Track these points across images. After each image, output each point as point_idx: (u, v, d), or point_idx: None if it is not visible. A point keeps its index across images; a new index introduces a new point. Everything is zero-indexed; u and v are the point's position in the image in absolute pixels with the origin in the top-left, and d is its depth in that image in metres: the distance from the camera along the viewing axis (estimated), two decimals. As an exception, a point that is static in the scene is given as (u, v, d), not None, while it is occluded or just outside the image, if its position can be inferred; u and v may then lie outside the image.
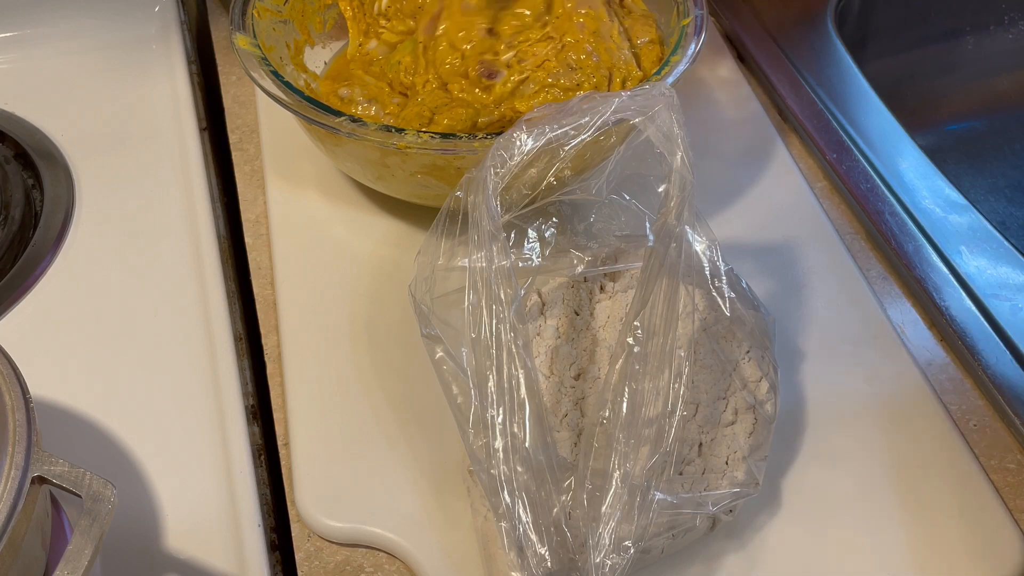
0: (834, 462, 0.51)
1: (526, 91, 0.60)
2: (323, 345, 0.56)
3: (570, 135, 0.45)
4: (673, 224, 0.43)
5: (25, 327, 0.58)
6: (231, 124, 0.72)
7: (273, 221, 0.63)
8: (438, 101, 0.59)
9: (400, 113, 0.60)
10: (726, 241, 0.50)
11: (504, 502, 0.40)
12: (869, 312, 0.58)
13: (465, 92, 0.60)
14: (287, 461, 0.52)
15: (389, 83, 0.64)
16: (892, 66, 0.88)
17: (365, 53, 0.67)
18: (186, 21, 0.80)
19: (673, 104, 0.45)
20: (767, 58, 0.75)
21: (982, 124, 0.90)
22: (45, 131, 0.70)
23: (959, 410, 0.54)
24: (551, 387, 0.47)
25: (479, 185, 0.43)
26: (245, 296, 0.62)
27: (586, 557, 0.39)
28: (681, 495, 0.44)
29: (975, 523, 0.48)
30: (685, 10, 0.61)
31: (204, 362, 0.56)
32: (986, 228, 0.61)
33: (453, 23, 0.62)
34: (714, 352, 0.48)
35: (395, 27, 0.67)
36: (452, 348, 0.46)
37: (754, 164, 0.67)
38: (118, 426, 0.53)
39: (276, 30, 0.63)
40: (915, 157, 0.66)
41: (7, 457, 0.38)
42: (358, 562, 0.48)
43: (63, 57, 0.76)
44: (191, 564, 0.48)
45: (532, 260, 0.51)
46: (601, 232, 0.52)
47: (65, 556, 0.37)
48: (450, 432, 0.49)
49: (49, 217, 0.64)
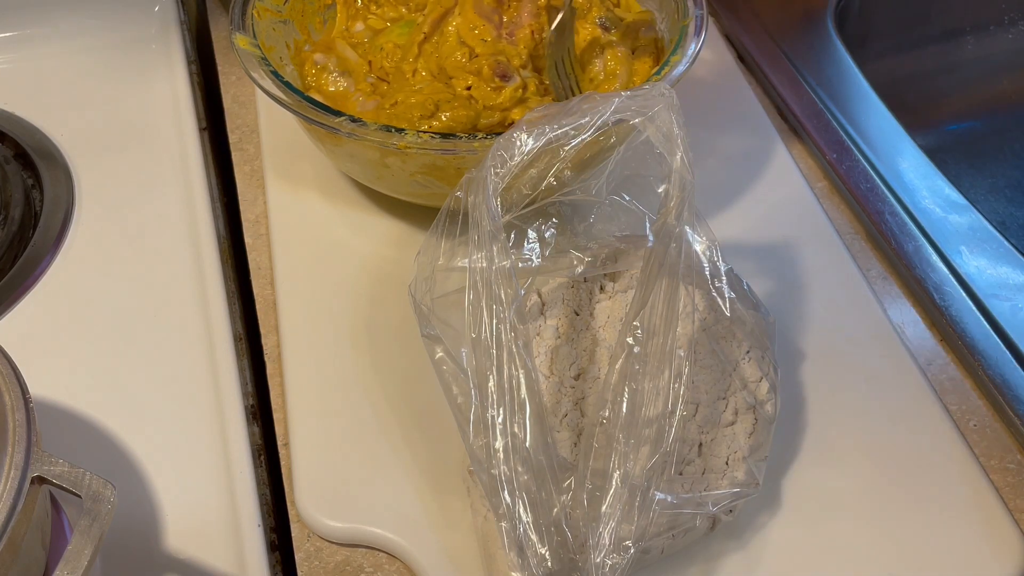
0: (834, 462, 0.51)
1: (533, 102, 0.60)
2: (323, 345, 0.56)
3: (570, 135, 0.45)
4: (673, 224, 0.43)
5: (25, 327, 0.58)
6: (231, 124, 0.72)
7: (273, 221, 0.63)
8: (440, 95, 0.59)
9: (395, 96, 0.60)
10: (726, 241, 0.50)
11: (504, 502, 0.40)
12: (869, 312, 0.58)
13: (475, 89, 0.60)
14: (287, 461, 0.52)
15: (369, 62, 0.64)
16: (892, 66, 0.88)
17: (351, 35, 0.67)
18: (186, 21, 0.80)
19: (673, 104, 0.45)
20: (767, 58, 0.75)
21: (982, 124, 0.90)
22: (45, 131, 0.70)
23: (959, 410, 0.54)
24: (551, 387, 0.47)
25: (479, 185, 0.43)
26: (245, 296, 0.62)
27: (586, 557, 0.39)
28: (681, 495, 0.44)
29: (975, 523, 0.48)
30: (685, 10, 0.61)
31: (204, 362, 0.56)
32: (986, 228, 0.61)
33: (465, 20, 0.63)
34: (714, 352, 0.48)
35: (384, 13, 0.68)
36: (452, 348, 0.46)
37: (754, 164, 0.67)
38: (118, 426, 0.53)
39: (276, 30, 0.63)
40: (915, 157, 0.66)
41: (7, 457, 0.38)
42: (358, 562, 0.48)
43: (63, 57, 0.76)
44: (191, 564, 0.48)
45: (532, 260, 0.51)
46: (601, 233, 0.52)
47: (65, 556, 0.37)
48: (450, 432, 0.49)
49: (49, 217, 0.64)
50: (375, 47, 0.65)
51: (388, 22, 0.67)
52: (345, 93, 0.63)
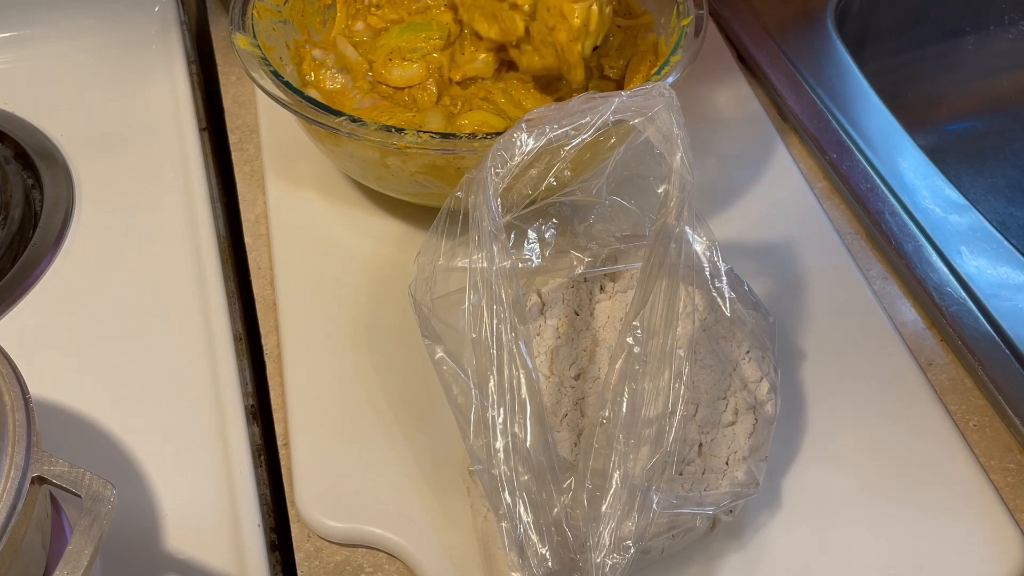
0: (834, 462, 0.51)
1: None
2: (323, 345, 0.56)
3: (570, 135, 0.45)
4: (673, 224, 0.43)
5: (25, 327, 0.58)
6: (231, 124, 0.72)
7: (273, 221, 0.63)
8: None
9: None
10: (726, 241, 0.50)
11: (505, 502, 0.40)
12: (869, 312, 0.58)
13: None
14: (287, 461, 0.52)
15: (370, 62, 0.65)
16: (892, 66, 0.88)
17: (351, 35, 0.67)
18: (186, 21, 0.80)
19: (673, 104, 0.45)
20: (767, 58, 0.75)
21: (982, 124, 0.89)
22: (45, 131, 0.70)
23: (959, 410, 0.54)
24: (551, 387, 0.47)
25: (479, 185, 0.43)
26: (245, 296, 0.62)
27: (587, 557, 0.39)
28: (681, 495, 0.44)
29: (975, 523, 0.48)
30: (685, 10, 0.61)
31: (204, 362, 0.56)
32: (986, 228, 0.61)
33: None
34: (714, 352, 0.48)
35: (385, 15, 0.68)
36: (452, 348, 0.46)
37: (754, 164, 0.67)
38: (118, 426, 0.53)
39: (276, 30, 0.63)
40: (915, 157, 0.66)
41: (7, 457, 0.38)
42: (358, 562, 0.48)
43: (63, 57, 0.76)
44: (191, 564, 0.48)
45: (532, 261, 0.51)
46: (601, 233, 0.52)
47: (65, 556, 0.37)
48: (450, 432, 0.49)
49: (49, 217, 0.64)
50: (376, 47, 0.65)
51: (388, 23, 0.67)
52: (343, 90, 0.63)
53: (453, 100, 0.63)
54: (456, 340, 0.46)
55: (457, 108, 0.63)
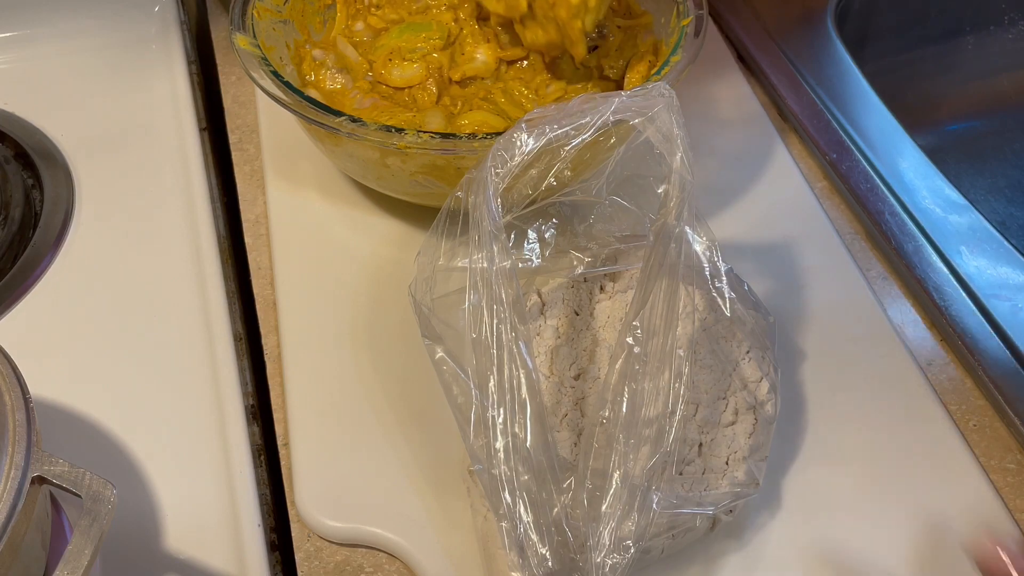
0: (834, 462, 0.51)
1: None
2: (323, 345, 0.56)
3: (570, 135, 0.45)
4: (673, 224, 0.43)
5: (25, 327, 0.58)
6: (231, 124, 0.72)
7: (273, 221, 0.63)
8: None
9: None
10: (726, 241, 0.50)
11: (505, 502, 0.40)
12: (869, 312, 0.58)
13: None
14: (287, 461, 0.52)
15: (370, 62, 0.65)
16: (892, 66, 0.88)
17: (351, 35, 0.67)
18: (186, 21, 0.80)
19: (673, 105, 0.45)
20: (767, 58, 0.75)
21: (982, 124, 0.89)
22: (45, 131, 0.70)
23: (959, 410, 0.54)
24: (551, 387, 0.47)
25: (480, 185, 0.43)
26: (245, 296, 0.62)
27: (587, 557, 0.39)
28: (681, 495, 0.44)
29: (975, 524, 0.48)
30: (685, 10, 0.61)
31: (204, 362, 0.56)
32: (986, 228, 0.61)
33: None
34: (714, 352, 0.48)
35: (385, 15, 0.68)
36: (453, 348, 0.46)
37: (754, 164, 0.67)
38: (118, 426, 0.53)
39: (276, 30, 0.63)
40: (915, 157, 0.66)
41: (7, 457, 0.38)
42: (358, 562, 0.48)
43: (63, 57, 0.76)
44: (191, 564, 0.48)
45: (532, 261, 0.51)
46: (601, 233, 0.52)
47: (65, 556, 0.37)
48: (450, 432, 0.49)
49: (49, 217, 0.64)
50: (376, 47, 0.65)
51: (388, 23, 0.67)
52: (343, 90, 0.63)
53: (453, 100, 0.63)
54: (456, 340, 0.46)
55: (457, 108, 0.63)
